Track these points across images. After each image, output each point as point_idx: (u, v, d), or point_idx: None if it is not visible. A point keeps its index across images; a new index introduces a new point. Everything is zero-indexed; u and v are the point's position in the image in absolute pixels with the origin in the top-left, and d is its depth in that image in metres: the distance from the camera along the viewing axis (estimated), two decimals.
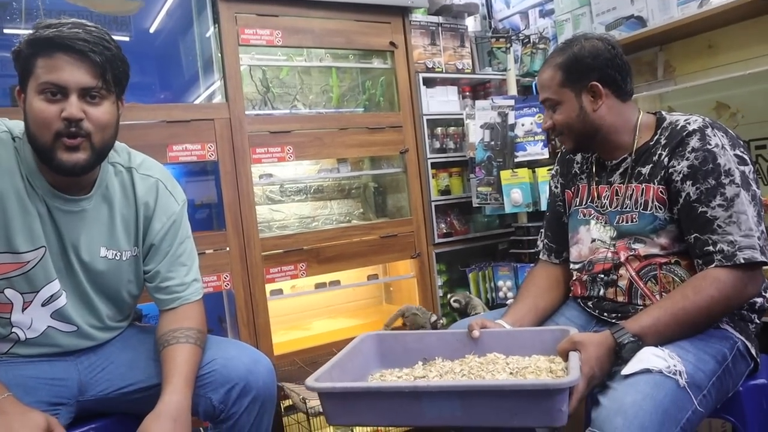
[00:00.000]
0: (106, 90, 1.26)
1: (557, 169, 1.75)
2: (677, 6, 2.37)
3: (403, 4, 2.67)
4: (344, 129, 2.55)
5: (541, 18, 3.03)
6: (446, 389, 1.17)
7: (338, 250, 2.51)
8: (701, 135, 1.36)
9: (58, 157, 1.23)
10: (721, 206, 1.31)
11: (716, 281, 1.28)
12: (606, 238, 1.52)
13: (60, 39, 1.20)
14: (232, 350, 1.45)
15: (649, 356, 1.22)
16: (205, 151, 2.24)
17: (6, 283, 1.30)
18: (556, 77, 1.50)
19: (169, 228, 1.45)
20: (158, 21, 2.68)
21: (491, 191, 2.53)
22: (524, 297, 1.63)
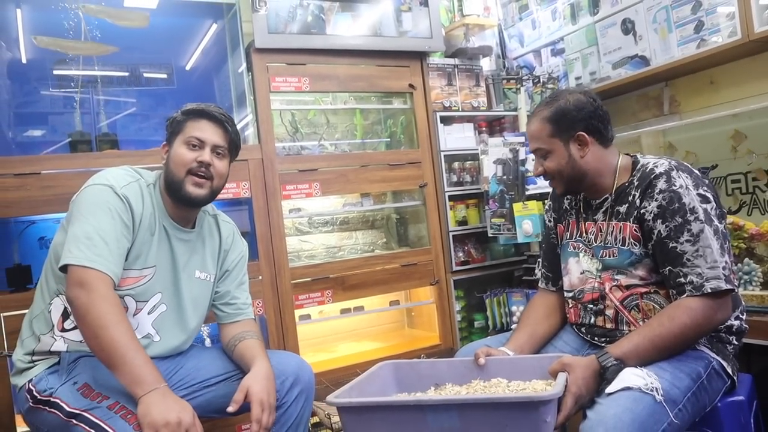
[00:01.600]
0: (228, 151, 1.72)
1: (550, 204, 1.90)
2: (677, 46, 2.53)
3: (421, 49, 2.88)
4: (367, 166, 2.76)
5: (552, 56, 3.20)
6: (445, 402, 1.33)
7: (362, 278, 2.70)
8: (667, 177, 1.52)
9: (186, 188, 1.64)
10: (689, 241, 1.46)
11: (688, 309, 1.43)
12: (593, 270, 1.68)
13: (207, 110, 1.68)
14: (283, 354, 1.84)
15: (630, 376, 1.37)
16: (240, 189, 2.47)
17: (128, 291, 1.62)
18: (545, 129, 1.64)
19: (239, 260, 1.89)
20: (194, 59, 2.91)
21: (504, 222, 2.70)
22: (524, 325, 1.78)
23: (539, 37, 3.25)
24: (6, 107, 2.54)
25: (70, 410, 1.47)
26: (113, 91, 2.75)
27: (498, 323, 2.83)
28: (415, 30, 2.85)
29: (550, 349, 1.76)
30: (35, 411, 1.55)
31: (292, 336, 2.53)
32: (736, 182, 2.45)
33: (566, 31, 3.07)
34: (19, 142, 2.57)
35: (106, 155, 2.32)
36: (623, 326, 1.60)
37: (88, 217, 1.53)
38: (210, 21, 2.81)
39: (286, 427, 1.70)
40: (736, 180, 2.45)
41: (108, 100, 2.73)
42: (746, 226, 2.16)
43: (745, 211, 2.43)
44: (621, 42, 2.77)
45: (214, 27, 2.82)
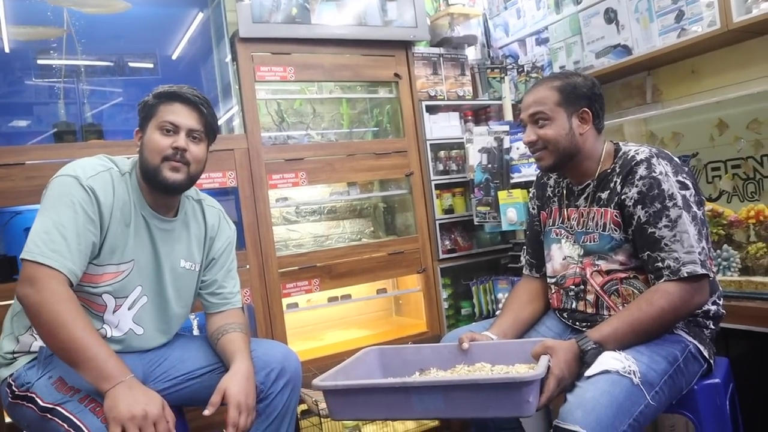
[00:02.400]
0: (204, 134, 1.66)
1: (534, 192, 1.94)
2: (659, 35, 2.56)
3: (406, 38, 2.88)
4: (353, 155, 2.77)
5: (537, 46, 3.22)
6: (430, 384, 1.36)
7: (349, 266, 2.72)
8: (648, 164, 1.56)
9: (163, 174, 1.59)
10: (667, 227, 1.50)
11: (666, 294, 1.47)
12: (575, 255, 1.71)
13: (180, 93, 1.62)
14: (269, 343, 1.79)
15: (608, 359, 1.41)
16: (226, 178, 2.48)
17: (106, 288, 1.59)
18: (552, 96, 1.65)
19: (226, 247, 1.84)
20: (180, 48, 2.90)
21: (489, 210, 2.73)
22: (508, 310, 1.82)
23: (524, 26, 3.27)
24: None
25: (44, 405, 1.46)
26: (98, 80, 2.73)
27: (484, 310, 2.87)
28: (400, 19, 2.86)
29: (533, 334, 1.80)
30: (14, 406, 1.54)
31: (279, 324, 2.55)
32: (716, 170, 2.50)
33: (550, 21, 3.08)
34: (3, 133, 2.56)
35: (91, 145, 2.32)
36: (603, 311, 1.64)
37: (50, 211, 1.48)
38: (195, 10, 2.81)
39: (271, 418, 1.68)
40: (716, 168, 2.50)
41: (93, 90, 2.71)
42: (725, 213, 2.20)
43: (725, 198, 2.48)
44: (604, 31, 2.79)
45: (200, 16, 2.82)
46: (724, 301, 1.72)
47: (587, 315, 1.68)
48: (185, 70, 2.95)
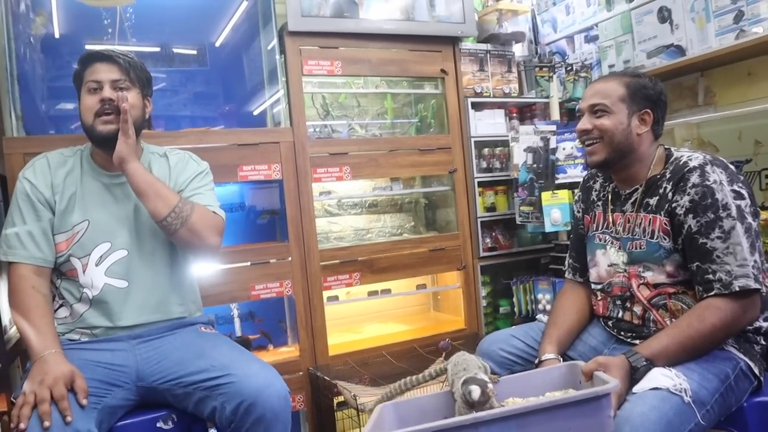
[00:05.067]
0: (130, 83, 1.74)
1: (579, 194, 1.91)
2: (715, 36, 2.49)
3: (454, 34, 2.86)
4: (397, 150, 2.77)
5: (586, 43, 3.16)
6: (502, 415, 1.23)
7: (390, 261, 2.73)
8: (701, 171, 1.51)
9: (98, 129, 1.69)
10: (719, 238, 1.47)
11: (717, 310, 1.44)
12: (620, 263, 1.68)
13: (96, 53, 1.74)
14: (254, 367, 1.60)
15: (658, 376, 1.39)
16: (271, 170, 2.50)
17: (68, 254, 1.69)
18: (619, 90, 1.63)
19: (192, 179, 1.85)
20: (224, 36, 2.91)
21: (533, 210, 2.70)
22: (559, 321, 1.77)
23: (573, 23, 3.21)
24: (40, 82, 2.56)
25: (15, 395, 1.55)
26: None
27: (524, 310, 2.85)
28: (448, 15, 2.84)
29: (578, 343, 1.78)
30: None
31: (319, 317, 2.57)
32: None
33: (601, 18, 3.02)
34: (51, 116, 2.59)
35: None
36: (650, 323, 1.61)
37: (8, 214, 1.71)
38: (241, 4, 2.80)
39: None
40: None
41: None
42: None
43: None
44: (657, 30, 2.73)
45: (245, 4, 2.81)
46: None
47: (633, 326, 1.65)
48: (229, 58, 2.96)
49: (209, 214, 1.77)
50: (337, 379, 2.31)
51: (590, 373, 1.40)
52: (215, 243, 1.76)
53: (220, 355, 1.64)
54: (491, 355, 1.78)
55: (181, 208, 1.68)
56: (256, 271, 2.48)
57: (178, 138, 2.34)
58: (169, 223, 1.67)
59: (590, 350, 1.73)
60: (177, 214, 1.67)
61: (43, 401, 1.39)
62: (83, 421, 1.42)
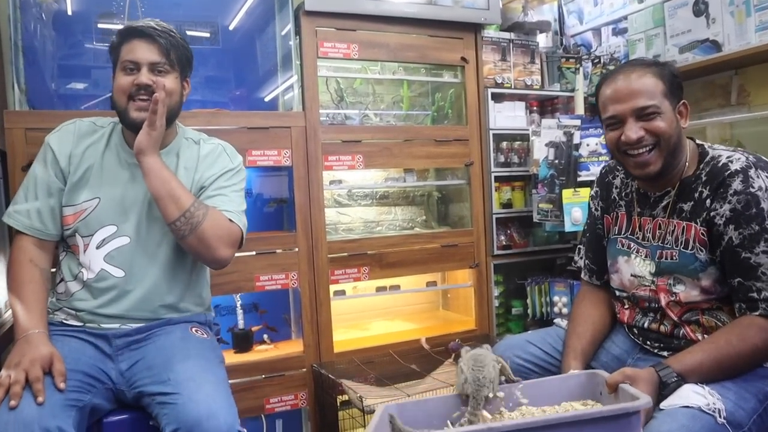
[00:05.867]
0: (169, 66, 1.62)
1: (597, 190, 1.75)
2: (755, 32, 2.35)
3: (477, 20, 2.73)
4: (412, 140, 2.64)
5: (613, 36, 3.03)
6: (523, 426, 1.13)
7: (400, 256, 2.61)
8: (744, 176, 1.36)
9: (131, 115, 1.58)
10: (765, 253, 1.33)
11: (762, 331, 1.32)
12: (646, 274, 1.54)
13: (135, 27, 1.60)
14: (204, 391, 1.42)
15: (690, 393, 1.28)
16: (281, 156, 2.39)
17: (74, 228, 1.62)
18: (660, 86, 1.43)
19: (219, 176, 1.72)
20: (239, 17, 2.81)
21: (552, 208, 2.58)
22: (581, 329, 1.64)
23: (600, 14, 3.07)
24: (50, 59, 2.49)
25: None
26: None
27: (538, 312, 2.74)
28: (471, 0, 2.71)
29: (600, 352, 1.65)
30: None
31: (325, 312, 2.46)
32: None
33: (631, 10, 2.89)
34: (61, 95, 2.52)
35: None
36: (681, 336, 1.48)
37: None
38: None
39: None
40: None
41: None
42: None
43: None
44: (691, 24, 2.59)
45: None
46: None
47: (662, 336, 1.53)
48: (243, 40, 2.87)
49: (224, 222, 1.63)
50: (341, 377, 2.23)
51: (615, 385, 1.26)
52: (224, 255, 1.63)
53: (183, 369, 1.48)
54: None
55: (192, 213, 1.55)
56: (261, 261, 2.37)
57: (187, 119, 2.21)
58: (177, 227, 1.55)
59: (613, 360, 1.61)
60: (187, 219, 1.55)
61: (16, 383, 1.34)
62: (55, 419, 1.32)
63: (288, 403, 2.38)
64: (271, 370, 2.36)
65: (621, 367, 1.43)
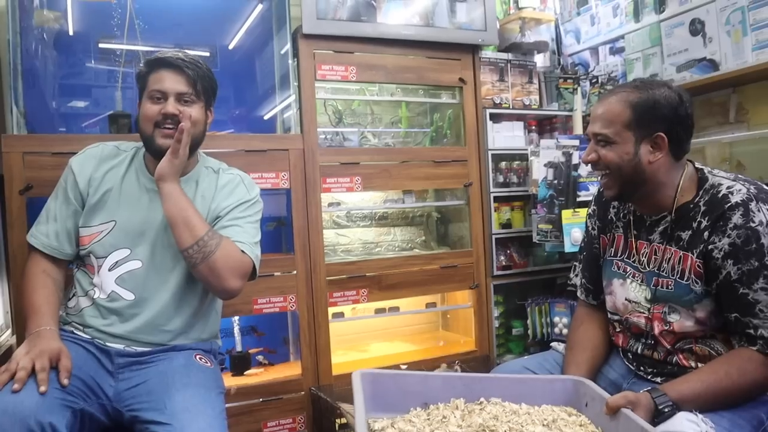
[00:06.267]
0: (196, 96, 1.66)
1: (594, 209, 1.72)
2: (752, 50, 2.36)
3: (474, 42, 2.75)
4: (411, 161, 2.65)
5: (611, 55, 3.04)
6: None
7: (399, 278, 2.60)
8: (744, 210, 1.33)
9: (156, 142, 1.62)
10: (764, 290, 1.31)
11: (762, 366, 1.31)
12: (641, 299, 1.52)
13: (164, 58, 1.64)
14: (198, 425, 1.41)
15: (683, 421, 1.26)
16: (279, 179, 2.39)
17: (89, 249, 1.66)
18: (624, 115, 1.41)
19: (235, 207, 1.73)
20: (237, 39, 2.83)
21: (552, 229, 2.57)
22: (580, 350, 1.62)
23: (598, 33, 3.09)
24: (51, 79, 2.51)
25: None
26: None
27: (539, 333, 2.72)
28: (468, 22, 2.72)
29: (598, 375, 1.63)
30: None
31: (324, 334, 2.45)
32: None
33: (628, 29, 2.91)
34: (62, 113, 2.54)
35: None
36: (674, 364, 1.47)
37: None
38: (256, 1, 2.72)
39: None
40: None
41: None
42: None
43: None
44: (688, 43, 2.60)
45: (260, 7, 2.73)
46: None
47: (655, 362, 1.51)
48: (242, 61, 2.89)
49: (236, 254, 1.63)
50: (339, 400, 2.21)
51: (616, 407, 1.22)
52: (234, 286, 1.63)
53: (181, 399, 1.47)
54: None
55: (206, 242, 1.57)
56: (260, 284, 2.33)
57: None
58: (190, 255, 1.57)
59: (609, 384, 1.59)
60: (200, 248, 1.56)
61: (22, 369, 1.37)
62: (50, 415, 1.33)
63: (286, 427, 2.36)
64: (269, 394, 2.34)
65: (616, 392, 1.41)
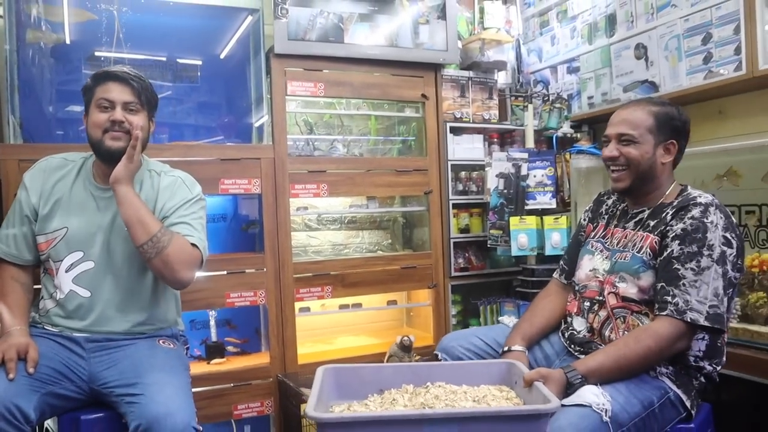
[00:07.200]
0: (140, 106, 1.84)
1: (591, 206, 2.01)
2: (686, 75, 2.58)
3: (436, 61, 2.97)
4: (375, 170, 2.87)
5: (568, 74, 3.26)
6: (447, 416, 1.29)
7: (362, 276, 2.83)
8: (704, 209, 1.61)
9: (106, 144, 1.79)
10: (693, 270, 1.56)
11: (654, 334, 1.55)
12: (600, 269, 1.78)
13: (111, 72, 1.83)
14: (166, 393, 1.63)
15: (587, 393, 1.49)
16: (251, 185, 2.61)
17: (47, 254, 1.84)
18: (648, 121, 1.70)
19: (180, 206, 1.90)
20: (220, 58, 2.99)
21: (501, 234, 2.80)
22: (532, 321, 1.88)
23: (557, 53, 3.31)
24: (47, 87, 2.65)
25: None
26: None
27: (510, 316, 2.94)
28: (431, 42, 2.94)
29: (536, 348, 1.86)
30: None
31: (290, 326, 2.68)
32: None
33: (583, 50, 3.13)
34: (59, 118, 2.68)
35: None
36: (605, 332, 1.71)
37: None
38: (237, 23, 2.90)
39: None
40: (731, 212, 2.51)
41: None
42: None
43: None
44: (633, 66, 2.82)
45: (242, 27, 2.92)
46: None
47: (583, 340, 1.76)
48: (224, 78, 3.04)
49: (187, 247, 1.81)
50: (303, 386, 2.39)
51: (531, 381, 1.45)
52: (186, 278, 1.81)
53: (149, 372, 1.71)
54: (450, 351, 1.87)
55: (159, 238, 1.74)
56: (232, 279, 2.58)
57: (164, 151, 2.45)
58: (145, 250, 1.74)
59: (544, 358, 1.84)
60: (154, 243, 1.73)
61: None
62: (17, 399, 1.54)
63: (254, 410, 2.59)
64: (240, 379, 2.57)
65: (549, 365, 1.73)
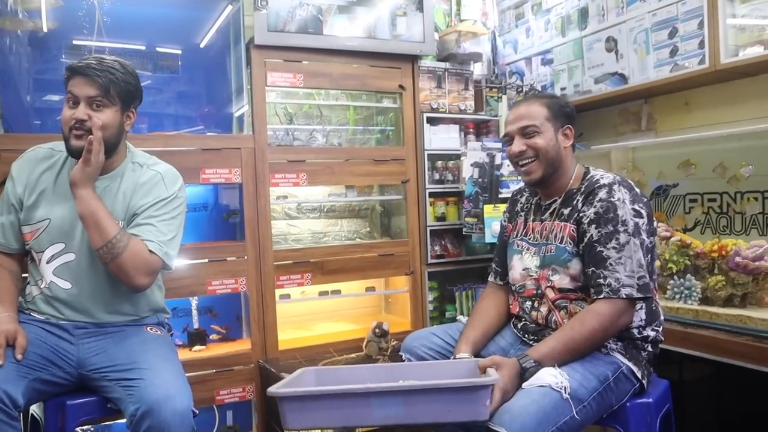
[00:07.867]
0: (108, 100, 1.80)
1: (507, 207, 2.11)
2: (653, 68, 2.67)
3: (413, 52, 3.03)
4: (353, 160, 2.94)
5: (542, 66, 3.33)
6: (391, 389, 1.43)
7: (341, 263, 2.90)
8: (609, 189, 1.72)
9: (70, 142, 1.79)
10: (615, 248, 1.66)
11: (597, 314, 1.64)
12: (532, 266, 1.86)
13: (76, 67, 1.79)
14: (164, 376, 1.68)
15: (545, 375, 1.58)
16: (232, 174, 2.67)
17: (31, 245, 1.87)
18: (543, 111, 1.81)
19: (151, 205, 1.88)
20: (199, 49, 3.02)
21: (476, 222, 2.88)
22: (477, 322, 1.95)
23: (532, 45, 3.37)
24: (26, 75, 2.67)
25: None
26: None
27: (466, 315, 3.02)
28: (408, 34, 3.00)
29: (491, 344, 1.94)
30: None
31: (271, 313, 2.74)
32: (693, 201, 2.62)
33: (556, 43, 3.19)
34: (37, 108, 2.70)
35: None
36: (552, 324, 1.79)
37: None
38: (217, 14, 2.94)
39: None
40: (694, 200, 2.62)
41: None
42: (693, 245, 2.31)
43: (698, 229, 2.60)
44: (604, 58, 2.90)
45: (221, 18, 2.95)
46: (684, 328, 2.00)
47: (536, 329, 1.84)
48: (204, 68, 3.07)
49: (143, 254, 1.78)
50: (283, 371, 2.45)
51: (484, 368, 1.59)
52: (141, 284, 1.81)
53: (144, 357, 1.76)
54: (413, 351, 1.96)
55: (114, 244, 1.72)
56: (213, 267, 2.64)
57: (146, 141, 2.48)
58: (101, 255, 1.75)
59: (499, 351, 1.91)
60: (109, 249, 1.72)
61: None
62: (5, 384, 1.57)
63: (236, 395, 2.65)
64: (221, 365, 2.62)
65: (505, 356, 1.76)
